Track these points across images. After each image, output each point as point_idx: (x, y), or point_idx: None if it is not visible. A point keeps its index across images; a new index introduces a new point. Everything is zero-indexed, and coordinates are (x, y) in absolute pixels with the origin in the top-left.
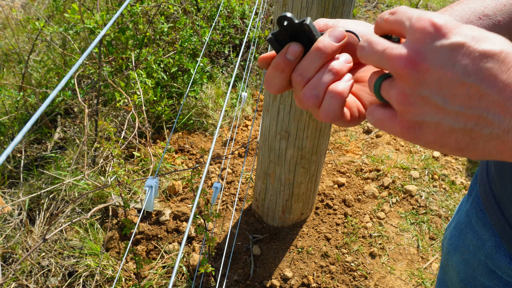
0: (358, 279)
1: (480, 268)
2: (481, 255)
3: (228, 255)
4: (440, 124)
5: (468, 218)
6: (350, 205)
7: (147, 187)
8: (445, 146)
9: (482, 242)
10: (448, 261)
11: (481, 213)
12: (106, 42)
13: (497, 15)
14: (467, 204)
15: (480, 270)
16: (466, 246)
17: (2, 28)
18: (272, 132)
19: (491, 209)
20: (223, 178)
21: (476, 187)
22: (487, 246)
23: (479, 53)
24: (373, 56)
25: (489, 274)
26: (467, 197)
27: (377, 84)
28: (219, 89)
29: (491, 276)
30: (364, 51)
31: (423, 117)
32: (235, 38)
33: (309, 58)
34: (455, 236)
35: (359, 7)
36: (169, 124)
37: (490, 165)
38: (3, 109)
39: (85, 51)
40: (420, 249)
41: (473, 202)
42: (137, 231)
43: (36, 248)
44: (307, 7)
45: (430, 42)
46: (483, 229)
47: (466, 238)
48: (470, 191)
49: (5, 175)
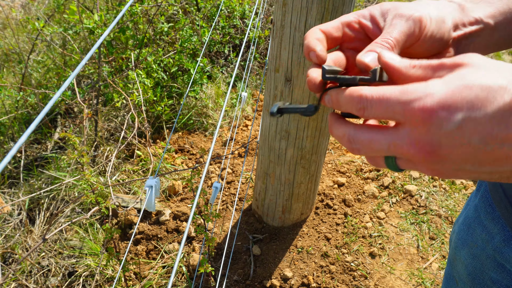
0: (358, 279)
1: (488, 262)
2: (489, 249)
3: (228, 255)
4: (476, 174)
5: (476, 213)
6: (350, 205)
7: (147, 187)
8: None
9: (490, 236)
10: (456, 255)
11: (490, 208)
12: (106, 42)
13: None
14: (476, 199)
15: (488, 264)
16: (474, 240)
17: (2, 28)
18: (272, 132)
19: (501, 203)
20: (223, 178)
21: (484, 182)
22: (496, 240)
23: (488, 120)
24: (381, 152)
25: (498, 267)
26: (475, 192)
27: (391, 161)
28: (219, 89)
29: (500, 270)
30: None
31: (458, 173)
32: (235, 38)
33: None
34: (464, 231)
35: (359, 7)
36: (169, 124)
37: None
38: (3, 109)
39: (85, 51)
40: (420, 249)
41: (482, 197)
42: (137, 231)
43: (36, 248)
44: (307, 7)
45: (437, 130)
46: (492, 223)
47: (475, 232)
48: (479, 186)
49: (5, 175)
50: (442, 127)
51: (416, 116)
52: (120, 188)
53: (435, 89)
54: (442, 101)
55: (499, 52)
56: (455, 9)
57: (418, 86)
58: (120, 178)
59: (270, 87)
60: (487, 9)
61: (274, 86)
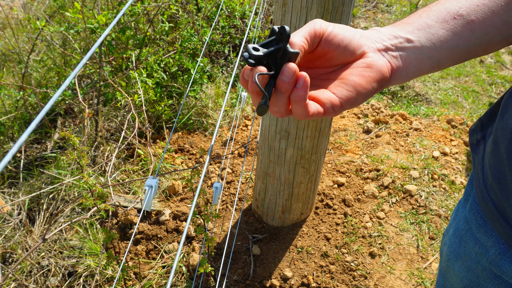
0: (358, 279)
1: (484, 274)
2: (484, 261)
3: (228, 255)
4: None
5: (467, 225)
6: (350, 205)
7: (147, 186)
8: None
9: (485, 249)
10: (449, 267)
11: (481, 220)
12: (107, 42)
13: (471, 14)
14: (465, 210)
15: (484, 276)
16: (467, 253)
17: (2, 28)
18: (272, 132)
19: (493, 218)
20: (223, 178)
21: (472, 192)
22: (491, 253)
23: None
24: None
25: (494, 279)
26: (463, 202)
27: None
28: (219, 89)
29: (497, 281)
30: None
31: None
32: (235, 38)
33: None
34: (455, 243)
35: (359, 7)
36: (169, 124)
37: (485, 172)
38: (3, 109)
39: (86, 51)
40: (420, 249)
41: (471, 209)
42: (137, 231)
43: (36, 248)
44: (307, 7)
45: None
46: (485, 236)
47: (467, 245)
48: (466, 196)
49: (5, 175)
50: None
51: None
52: (120, 188)
53: None
54: None
55: (499, 53)
56: (371, 31)
57: None
58: (120, 178)
59: None
60: (405, 27)
61: None
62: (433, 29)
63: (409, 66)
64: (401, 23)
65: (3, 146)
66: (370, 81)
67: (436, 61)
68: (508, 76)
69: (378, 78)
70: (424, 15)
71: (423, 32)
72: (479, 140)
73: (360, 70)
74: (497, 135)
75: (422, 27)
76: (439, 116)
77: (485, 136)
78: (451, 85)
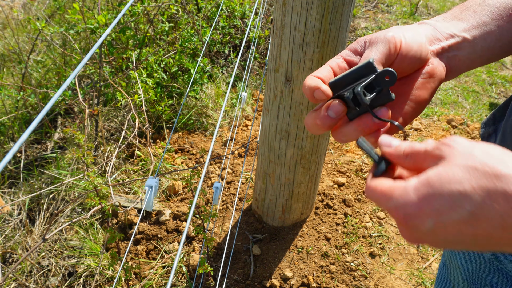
0: (358, 279)
1: (485, 266)
2: (486, 253)
3: (228, 255)
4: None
5: None
6: (350, 205)
7: (147, 187)
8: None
9: None
10: (452, 259)
11: None
12: (107, 42)
13: None
14: None
15: (485, 268)
16: None
17: (2, 28)
18: (272, 132)
19: None
20: (223, 178)
21: None
22: None
23: (455, 223)
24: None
25: (496, 271)
26: None
27: None
28: (219, 89)
29: (498, 274)
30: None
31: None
32: (235, 38)
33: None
34: None
35: (359, 7)
36: (169, 124)
37: None
38: (3, 109)
39: (86, 51)
40: (420, 249)
41: None
42: (137, 231)
43: (36, 248)
44: (307, 7)
45: (416, 231)
46: None
47: None
48: None
49: (5, 175)
50: (418, 230)
51: (400, 221)
52: (120, 188)
53: (411, 199)
54: (415, 212)
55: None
56: (427, 28)
57: (399, 195)
58: (120, 178)
59: (270, 87)
60: (460, 24)
61: (274, 86)
62: (489, 27)
63: (462, 65)
64: (454, 17)
65: (3, 146)
66: (432, 92)
67: (486, 60)
68: (508, 76)
69: (438, 85)
70: (479, 10)
71: (479, 31)
72: (491, 134)
73: (423, 82)
74: (506, 128)
75: (478, 25)
76: (439, 116)
77: (496, 130)
78: (451, 85)
